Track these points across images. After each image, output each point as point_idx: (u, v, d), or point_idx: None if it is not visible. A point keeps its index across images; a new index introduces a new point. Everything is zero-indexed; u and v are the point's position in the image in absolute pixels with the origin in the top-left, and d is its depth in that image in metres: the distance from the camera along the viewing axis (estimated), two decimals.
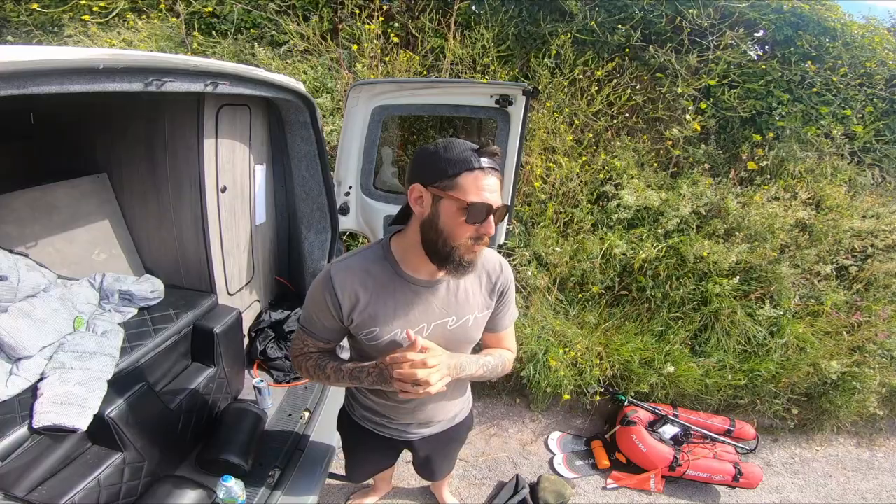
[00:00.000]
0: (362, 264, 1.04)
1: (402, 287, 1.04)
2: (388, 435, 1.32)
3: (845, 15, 3.64)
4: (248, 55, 3.45)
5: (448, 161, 0.91)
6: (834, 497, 2.66)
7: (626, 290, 2.99)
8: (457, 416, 1.38)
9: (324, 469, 1.70)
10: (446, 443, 1.45)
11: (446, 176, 0.91)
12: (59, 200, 1.69)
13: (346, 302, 1.02)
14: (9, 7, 3.87)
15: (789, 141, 3.27)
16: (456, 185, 0.91)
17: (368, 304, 1.03)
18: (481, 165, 0.91)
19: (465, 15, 3.51)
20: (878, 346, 2.92)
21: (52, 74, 0.85)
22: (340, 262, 1.06)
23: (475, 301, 1.10)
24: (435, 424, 1.32)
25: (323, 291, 1.03)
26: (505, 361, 1.20)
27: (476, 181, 0.90)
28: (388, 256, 1.05)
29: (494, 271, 1.12)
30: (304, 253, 2.28)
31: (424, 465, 1.55)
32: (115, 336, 1.52)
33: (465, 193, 0.90)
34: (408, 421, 1.27)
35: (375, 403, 1.26)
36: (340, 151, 2.32)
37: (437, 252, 0.96)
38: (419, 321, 1.05)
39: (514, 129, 2.07)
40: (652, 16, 3.27)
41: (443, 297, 1.06)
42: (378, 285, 1.03)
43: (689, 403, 2.84)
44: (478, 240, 0.95)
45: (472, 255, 0.96)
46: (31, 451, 1.20)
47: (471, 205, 0.90)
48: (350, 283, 1.02)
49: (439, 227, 0.94)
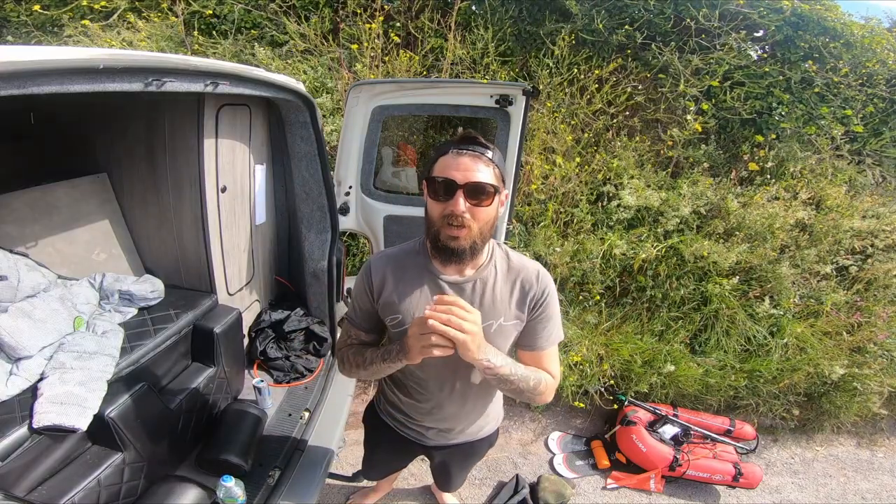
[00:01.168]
0: (398, 255, 1.12)
1: (430, 281, 1.07)
2: (407, 435, 1.32)
3: (845, 15, 3.64)
4: (249, 55, 3.45)
5: (434, 152, 1.01)
6: (834, 497, 2.65)
7: (626, 290, 2.99)
8: (481, 431, 1.33)
9: (324, 469, 1.70)
10: (465, 456, 1.42)
11: (430, 165, 1.00)
12: (59, 200, 1.69)
13: (377, 284, 1.09)
14: (9, 7, 3.87)
15: (790, 141, 3.26)
16: (431, 170, 0.98)
17: (394, 289, 1.07)
18: (453, 149, 0.96)
19: (464, 15, 3.51)
20: (879, 347, 2.92)
21: (52, 74, 0.85)
22: (381, 252, 1.16)
23: (502, 307, 1.06)
24: (457, 437, 1.30)
25: (363, 277, 1.12)
26: (541, 381, 1.05)
27: (444, 161, 0.96)
28: (422, 251, 1.09)
29: (528, 281, 1.07)
30: (304, 253, 2.28)
31: (440, 474, 1.54)
32: (115, 336, 1.52)
33: (432, 173, 0.97)
34: (427, 424, 1.26)
35: (399, 400, 1.27)
36: (340, 151, 2.32)
37: (430, 239, 1.02)
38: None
39: (514, 129, 2.07)
40: (653, 16, 3.27)
41: (467, 297, 1.05)
42: (408, 275, 1.08)
43: (689, 403, 2.84)
44: (446, 218, 0.94)
45: (452, 241, 0.96)
46: (31, 451, 1.20)
47: (428, 179, 0.96)
48: (384, 269, 1.09)
49: (426, 213, 1.01)
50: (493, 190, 0.94)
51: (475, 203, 0.93)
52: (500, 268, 1.09)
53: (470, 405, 1.23)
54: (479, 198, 0.93)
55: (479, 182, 0.92)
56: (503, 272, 1.08)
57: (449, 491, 1.72)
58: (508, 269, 1.09)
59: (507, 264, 1.10)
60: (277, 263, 2.48)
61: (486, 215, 0.96)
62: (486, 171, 0.94)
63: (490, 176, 0.94)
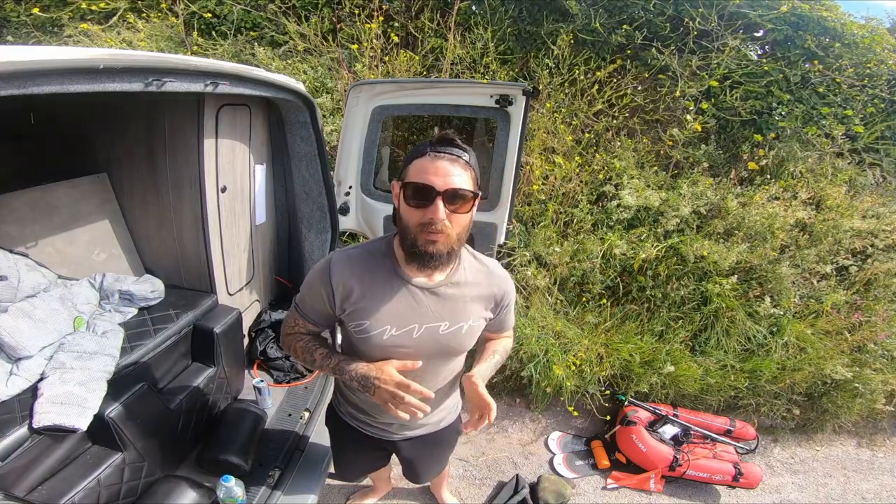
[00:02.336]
0: (363, 257, 1.06)
1: (399, 286, 1.03)
2: (371, 433, 1.31)
3: (845, 15, 3.64)
4: (249, 55, 3.45)
5: (409, 154, 0.96)
6: (834, 497, 2.65)
7: (626, 290, 2.99)
8: (443, 421, 1.35)
9: (324, 469, 1.70)
10: (432, 446, 1.42)
11: (405, 167, 0.95)
12: (59, 200, 1.69)
13: (340, 292, 1.03)
14: (9, 7, 3.87)
15: (790, 141, 3.26)
16: (405, 173, 0.94)
17: (363, 297, 1.03)
18: (430, 151, 0.91)
19: (464, 15, 3.51)
20: (879, 347, 2.92)
21: (52, 74, 0.85)
22: (343, 252, 1.07)
23: (472, 310, 1.08)
24: (418, 427, 1.30)
25: (320, 277, 1.05)
26: (507, 350, 1.24)
27: (420, 165, 0.91)
28: (390, 253, 1.05)
29: (498, 285, 1.11)
30: (304, 253, 2.28)
31: (408, 467, 1.51)
32: (115, 336, 1.52)
33: (407, 177, 0.92)
34: (389, 420, 1.26)
35: (359, 399, 1.26)
36: (340, 151, 2.32)
37: (404, 244, 0.97)
38: (411, 321, 1.04)
39: (514, 129, 2.07)
40: (652, 17, 3.27)
41: (438, 302, 1.04)
42: (375, 280, 1.03)
43: (690, 403, 2.84)
44: (424, 225, 0.91)
45: (430, 245, 0.92)
46: (31, 451, 1.20)
47: (404, 185, 0.92)
48: (347, 274, 1.03)
49: (400, 216, 0.96)
50: (471, 195, 0.92)
51: (454, 209, 0.91)
52: (470, 271, 1.08)
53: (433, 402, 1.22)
54: (458, 204, 0.91)
55: (458, 188, 0.89)
56: (472, 276, 1.08)
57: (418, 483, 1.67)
58: (477, 272, 1.09)
59: (475, 266, 1.10)
60: (277, 263, 2.48)
61: (464, 221, 0.94)
62: (464, 176, 0.91)
63: (468, 181, 0.92)
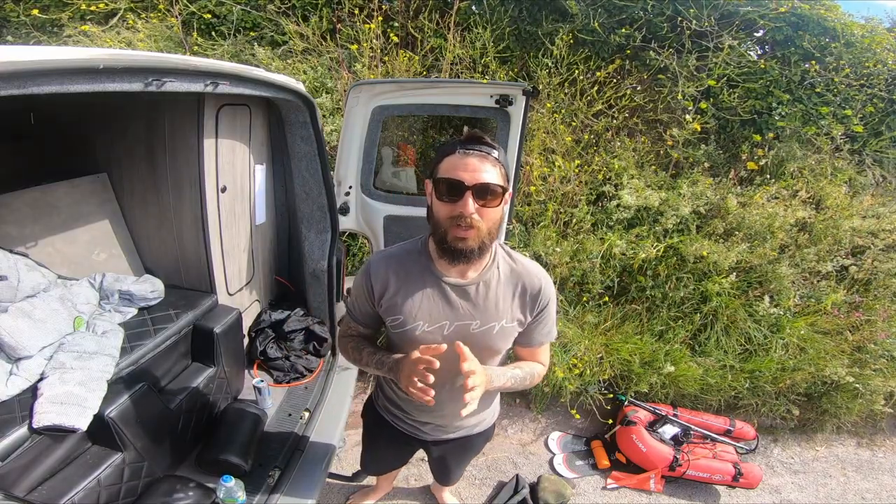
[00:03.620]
0: (400, 255, 1.11)
1: (432, 282, 1.06)
2: (404, 430, 1.33)
3: (845, 15, 3.64)
4: (248, 55, 3.45)
5: (439, 152, 0.99)
6: (834, 497, 2.65)
7: (625, 290, 2.99)
8: (477, 427, 1.35)
9: (324, 469, 1.70)
10: (462, 451, 1.44)
11: (435, 165, 0.98)
12: (59, 200, 1.69)
13: (378, 287, 1.09)
14: (9, 7, 3.87)
15: (789, 141, 3.26)
16: (437, 170, 0.97)
17: (397, 292, 1.07)
18: (459, 149, 0.95)
19: (464, 15, 3.51)
20: (879, 347, 2.92)
21: (52, 74, 0.85)
22: (382, 252, 1.15)
23: (504, 309, 1.07)
24: (454, 431, 1.31)
25: (363, 276, 1.12)
26: (534, 375, 1.18)
27: (451, 161, 0.95)
28: (425, 251, 1.08)
29: (532, 285, 1.09)
30: (304, 253, 2.28)
31: (438, 468, 1.54)
32: (115, 336, 1.52)
33: (438, 174, 0.96)
34: (424, 420, 1.27)
35: (396, 396, 1.28)
36: (340, 151, 2.32)
37: (436, 239, 1.00)
38: (442, 318, 1.06)
39: (513, 129, 2.07)
40: (652, 17, 3.27)
41: (470, 300, 1.06)
42: (410, 276, 1.07)
43: (690, 403, 2.84)
44: (454, 219, 0.93)
45: (459, 241, 0.95)
46: (31, 451, 1.20)
47: (436, 180, 0.95)
48: (385, 270, 1.09)
49: (433, 213, 0.99)
50: (501, 190, 0.94)
51: (483, 204, 0.93)
52: (503, 269, 1.09)
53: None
54: (488, 198, 0.93)
55: (487, 183, 0.92)
56: (506, 274, 1.08)
57: (447, 485, 1.72)
58: (511, 271, 1.09)
59: (509, 266, 1.10)
60: (277, 263, 2.48)
61: (494, 215, 0.96)
62: (493, 172, 0.93)
63: (497, 176, 0.94)
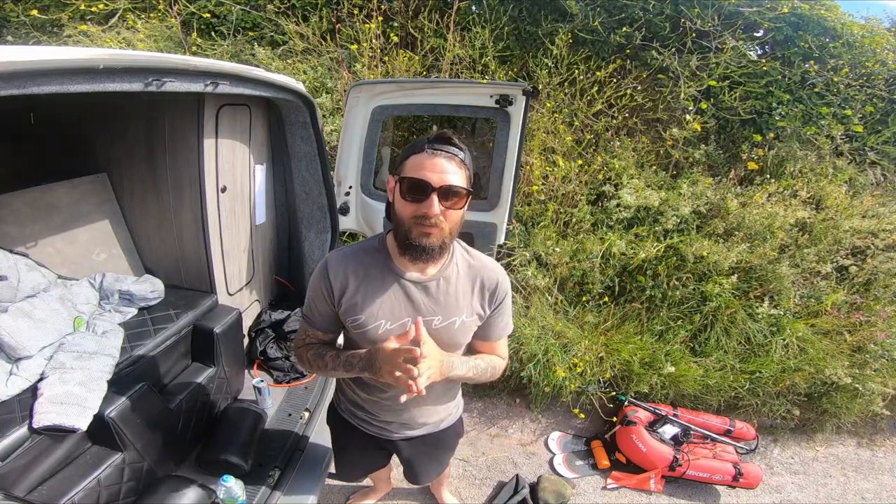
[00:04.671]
0: (358, 254, 1.09)
1: (392, 280, 1.06)
2: (371, 433, 1.31)
3: (845, 15, 3.64)
4: (248, 55, 3.45)
5: (406, 148, 0.99)
6: (834, 497, 2.65)
7: (625, 290, 2.99)
8: (443, 422, 1.35)
9: (324, 469, 1.70)
10: (432, 447, 1.42)
11: (402, 161, 0.98)
12: (59, 200, 1.69)
13: (337, 286, 1.07)
14: (8, 7, 3.87)
15: (789, 141, 3.26)
16: (402, 168, 0.97)
17: (357, 291, 1.06)
18: (426, 148, 0.95)
19: (463, 15, 3.51)
20: (879, 347, 2.91)
21: (52, 74, 0.85)
22: (338, 251, 1.12)
23: (464, 304, 1.09)
24: (418, 427, 1.31)
25: (320, 277, 1.08)
26: (495, 367, 1.20)
27: (417, 160, 0.94)
28: (383, 249, 1.08)
29: (490, 279, 1.11)
30: (304, 253, 2.28)
31: (408, 467, 1.51)
32: (115, 336, 1.52)
33: (404, 172, 0.96)
34: (389, 419, 1.26)
35: (359, 398, 1.26)
36: (340, 151, 2.32)
37: (398, 236, 1.01)
38: (403, 315, 1.06)
39: (513, 129, 2.07)
40: (652, 17, 3.27)
41: (431, 296, 1.07)
42: (369, 275, 1.06)
43: (690, 403, 2.84)
44: (418, 219, 0.94)
45: (424, 238, 0.96)
46: (31, 451, 1.20)
47: (400, 179, 0.95)
48: (342, 269, 1.07)
49: (395, 210, 0.99)
50: (465, 193, 0.95)
51: (448, 205, 0.94)
52: (462, 265, 1.10)
53: (433, 399, 1.25)
54: (452, 200, 0.94)
55: (453, 185, 0.93)
56: (464, 269, 1.10)
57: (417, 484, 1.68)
58: (469, 267, 1.11)
59: (467, 262, 1.12)
60: (277, 263, 2.48)
61: (456, 217, 0.98)
62: (459, 174, 0.94)
63: (463, 179, 0.95)
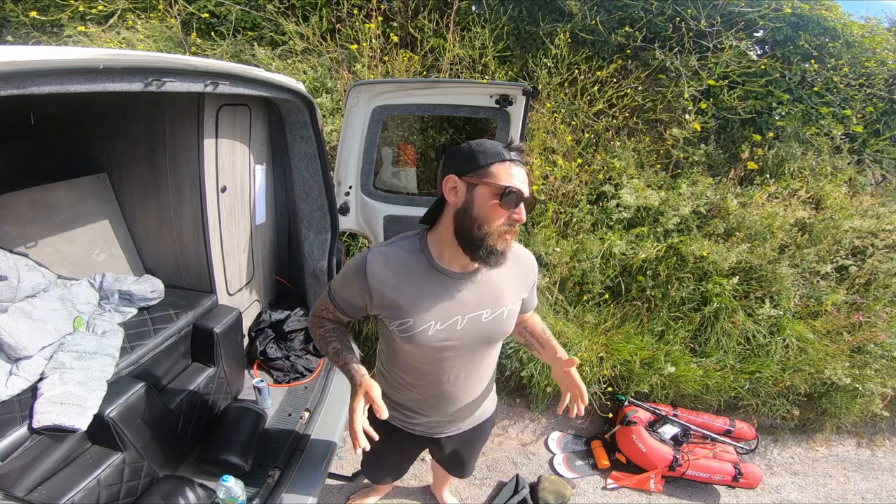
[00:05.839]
0: (400, 254, 1.08)
1: (437, 279, 1.06)
2: (416, 432, 1.33)
3: (845, 15, 3.64)
4: (248, 55, 3.45)
5: (482, 153, 0.99)
6: (834, 497, 2.65)
7: (626, 290, 2.99)
8: (485, 413, 1.41)
9: (324, 469, 1.70)
10: (474, 439, 1.47)
11: (480, 166, 0.98)
12: (59, 200, 1.69)
13: (377, 290, 1.05)
14: (8, 7, 3.87)
15: (789, 141, 3.27)
16: (489, 174, 0.98)
17: (403, 295, 1.05)
18: (512, 157, 0.99)
19: (463, 15, 3.51)
20: (879, 347, 2.91)
21: (52, 74, 0.85)
22: (380, 249, 1.09)
23: (509, 293, 1.13)
24: (464, 422, 1.34)
25: (356, 274, 1.07)
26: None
27: (507, 170, 0.98)
28: (425, 250, 1.08)
29: (527, 264, 1.19)
30: (304, 253, 2.28)
31: (454, 461, 1.54)
32: (115, 336, 1.52)
33: (499, 179, 0.97)
34: (436, 418, 1.29)
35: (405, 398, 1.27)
36: (340, 151, 2.32)
37: (471, 240, 1.00)
38: (454, 313, 1.07)
39: (513, 129, 2.07)
40: (652, 17, 3.27)
41: (477, 290, 1.08)
42: (413, 277, 1.06)
43: (690, 403, 2.84)
44: (510, 226, 0.99)
45: (504, 243, 1.00)
46: (31, 451, 1.20)
47: (506, 189, 0.96)
48: (385, 273, 1.05)
49: (474, 213, 0.99)
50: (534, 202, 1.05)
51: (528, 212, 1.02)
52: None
53: (475, 390, 1.27)
54: (530, 209, 1.02)
55: (532, 197, 1.01)
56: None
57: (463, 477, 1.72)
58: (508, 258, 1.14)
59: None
60: (277, 263, 2.48)
61: None
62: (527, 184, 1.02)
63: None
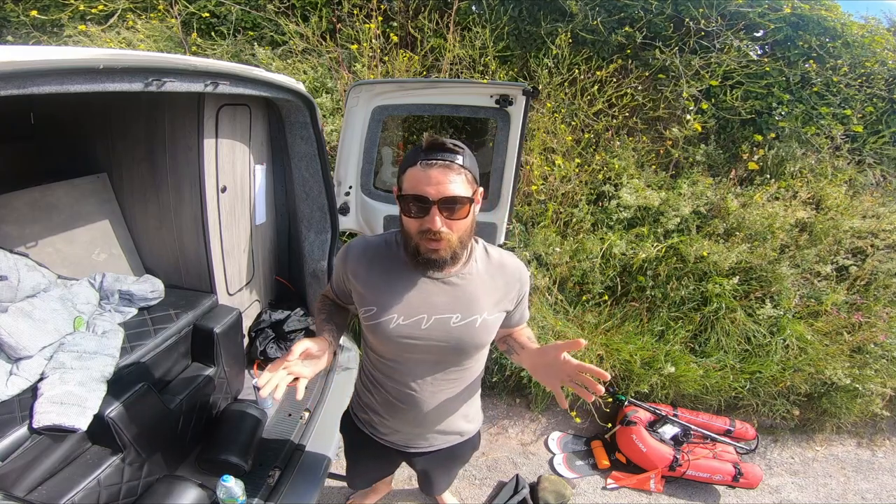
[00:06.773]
0: (380, 246, 1.10)
1: (409, 276, 1.05)
2: (386, 443, 1.28)
3: (845, 15, 3.64)
4: (248, 55, 3.45)
5: (404, 161, 0.96)
6: (834, 497, 2.65)
7: (626, 290, 2.99)
8: (461, 434, 1.30)
9: (324, 469, 1.70)
10: (446, 460, 1.37)
11: (400, 176, 0.96)
12: (59, 200, 1.69)
13: (352, 274, 1.09)
14: (8, 7, 3.87)
15: (789, 141, 3.26)
16: (402, 182, 0.95)
17: (372, 282, 1.06)
18: (422, 159, 0.90)
19: (463, 14, 3.51)
20: (879, 347, 2.91)
21: (52, 74, 0.85)
22: (364, 238, 1.13)
23: (486, 302, 1.07)
24: (435, 438, 1.26)
25: (341, 258, 1.13)
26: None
27: (414, 175, 0.91)
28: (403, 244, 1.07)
29: (513, 276, 1.11)
30: (304, 253, 2.28)
31: (424, 479, 1.50)
32: (115, 336, 1.52)
33: (402, 188, 0.94)
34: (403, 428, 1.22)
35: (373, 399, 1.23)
36: (340, 151, 2.32)
37: (408, 250, 1.00)
38: (420, 311, 1.04)
39: (513, 129, 2.07)
40: (653, 17, 3.27)
41: (451, 293, 1.04)
42: (386, 268, 1.06)
43: (690, 403, 2.84)
44: (424, 233, 0.92)
45: (433, 253, 0.95)
46: (31, 451, 1.20)
47: (399, 197, 0.94)
48: (361, 259, 1.09)
49: (401, 224, 1.00)
50: (467, 200, 0.92)
51: (450, 216, 0.91)
52: (482, 264, 1.09)
53: (446, 404, 1.19)
54: (455, 210, 0.91)
55: (452, 196, 0.89)
56: (485, 268, 1.09)
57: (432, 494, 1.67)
58: (490, 265, 1.10)
59: (488, 260, 1.10)
60: (277, 263, 2.48)
61: (463, 225, 0.95)
62: (458, 181, 0.90)
63: (463, 185, 0.91)
